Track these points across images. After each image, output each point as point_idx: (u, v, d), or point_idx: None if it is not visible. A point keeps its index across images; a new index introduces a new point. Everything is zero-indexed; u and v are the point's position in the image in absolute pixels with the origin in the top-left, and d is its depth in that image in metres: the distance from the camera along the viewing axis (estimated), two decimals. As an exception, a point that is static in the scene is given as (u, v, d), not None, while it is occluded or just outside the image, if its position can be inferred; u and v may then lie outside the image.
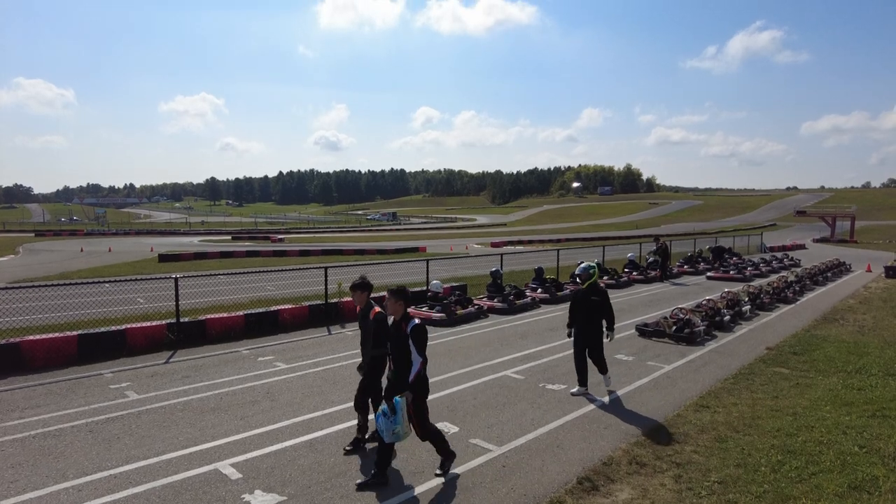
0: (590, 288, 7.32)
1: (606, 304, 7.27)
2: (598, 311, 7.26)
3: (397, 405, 4.53)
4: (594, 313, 7.26)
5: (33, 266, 26.61)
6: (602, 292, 7.32)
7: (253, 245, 44.83)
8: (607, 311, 7.29)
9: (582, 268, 7.43)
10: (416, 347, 4.69)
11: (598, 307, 7.24)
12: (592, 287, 7.33)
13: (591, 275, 7.33)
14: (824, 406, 6.75)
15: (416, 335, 4.71)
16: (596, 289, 7.34)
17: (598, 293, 7.30)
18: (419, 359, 4.68)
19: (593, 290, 7.31)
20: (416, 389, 4.72)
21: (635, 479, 4.92)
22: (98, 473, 4.93)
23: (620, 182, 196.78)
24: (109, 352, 8.96)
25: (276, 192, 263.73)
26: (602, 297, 7.27)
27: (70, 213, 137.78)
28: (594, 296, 7.26)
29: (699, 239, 33.31)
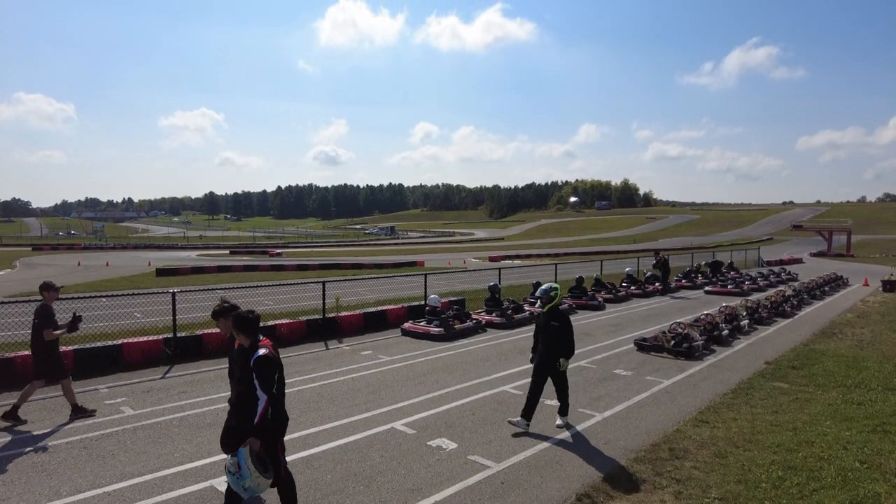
0: (550, 312, 6.69)
1: (565, 330, 6.56)
2: (558, 339, 6.57)
3: (240, 458, 3.77)
4: (554, 341, 6.58)
5: (30, 280, 26.49)
6: (563, 317, 6.65)
7: (251, 259, 44.75)
8: (564, 339, 6.56)
9: (542, 289, 6.80)
10: (259, 382, 3.87)
11: (558, 334, 6.55)
12: (553, 311, 6.70)
13: (551, 297, 6.70)
14: (824, 421, 6.72)
15: (259, 368, 3.88)
16: (557, 313, 6.69)
17: (558, 318, 6.62)
18: (263, 396, 3.85)
19: (553, 314, 6.67)
20: (263, 434, 3.89)
21: (635, 495, 4.87)
22: (92, 491, 4.87)
23: (618, 197, 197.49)
24: (105, 367, 8.89)
25: (274, 207, 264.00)
26: (562, 322, 6.58)
27: (68, 228, 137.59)
28: (554, 320, 6.59)
29: (697, 253, 33.36)
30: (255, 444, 3.86)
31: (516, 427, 6.45)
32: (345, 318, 12.48)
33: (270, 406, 3.91)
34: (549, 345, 6.58)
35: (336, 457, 5.66)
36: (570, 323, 6.65)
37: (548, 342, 6.59)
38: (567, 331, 6.58)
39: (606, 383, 8.48)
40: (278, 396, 4.02)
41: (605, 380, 8.67)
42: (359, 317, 12.78)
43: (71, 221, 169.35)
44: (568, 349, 6.59)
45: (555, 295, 6.73)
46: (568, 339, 6.58)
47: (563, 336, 6.55)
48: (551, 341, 6.56)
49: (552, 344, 6.55)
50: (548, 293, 6.71)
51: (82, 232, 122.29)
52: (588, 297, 16.63)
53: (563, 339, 6.55)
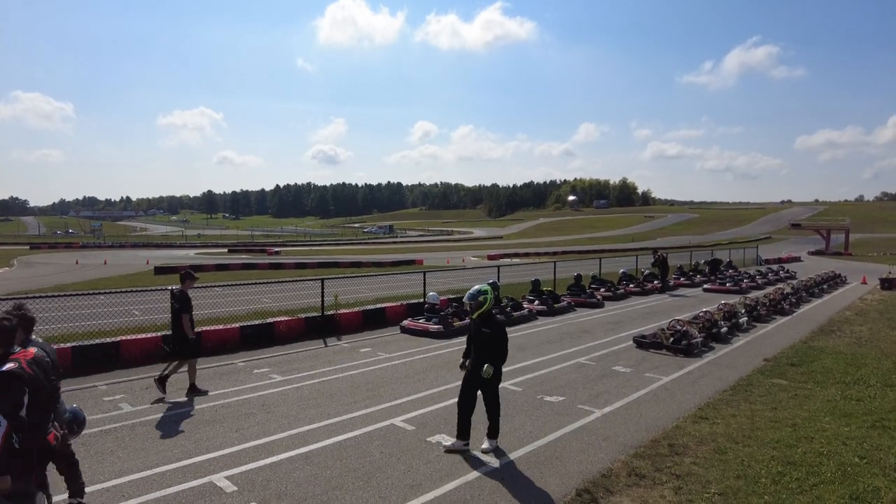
0: (481, 319, 5.81)
1: (497, 338, 5.71)
2: (491, 344, 5.72)
3: None
4: (486, 350, 5.70)
5: (28, 279, 26.48)
6: (496, 324, 5.79)
7: (249, 258, 44.75)
8: (496, 348, 5.69)
9: (470, 293, 5.85)
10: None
11: (490, 343, 5.70)
12: (484, 317, 5.81)
13: (480, 302, 5.78)
14: (823, 417, 6.73)
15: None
16: (489, 319, 5.82)
17: (490, 324, 5.77)
18: (3, 421, 3.05)
19: (485, 320, 5.80)
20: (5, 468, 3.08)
21: (635, 491, 4.87)
22: (90, 487, 4.84)
23: (616, 195, 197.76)
24: (104, 364, 8.88)
25: (272, 206, 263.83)
26: (494, 329, 5.72)
27: (66, 226, 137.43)
28: (486, 327, 5.74)
29: (695, 252, 33.40)
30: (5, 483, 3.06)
31: (457, 453, 5.68)
32: (344, 315, 12.47)
33: (15, 433, 3.10)
34: (479, 355, 5.73)
35: (335, 453, 5.65)
36: (503, 331, 5.80)
37: (478, 351, 5.75)
38: (499, 339, 5.72)
39: (606, 380, 8.48)
40: (28, 421, 3.16)
41: (604, 376, 8.67)
42: (358, 314, 12.77)
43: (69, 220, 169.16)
44: (497, 357, 5.69)
45: (484, 300, 5.79)
46: (499, 347, 5.72)
47: (494, 344, 5.70)
48: (482, 350, 5.72)
49: (483, 354, 5.70)
50: (476, 298, 5.79)
51: (80, 231, 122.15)
52: (587, 295, 16.64)
53: (493, 347, 5.70)
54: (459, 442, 5.77)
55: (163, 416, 6.70)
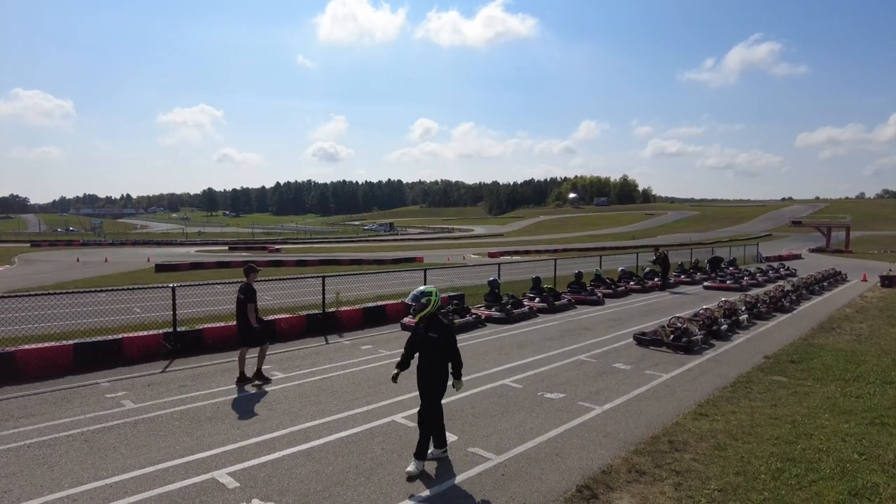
0: (427, 322, 5.32)
1: (450, 344, 5.26)
2: (439, 354, 5.26)
3: None
4: (434, 356, 5.26)
5: (28, 276, 26.49)
6: (444, 328, 5.29)
7: (250, 255, 44.79)
8: (449, 355, 5.27)
9: (413, 294, 5.35)
10: None
11: (438, 348, 5.26)
12: (429, 320, 5.32)
13: (423, 304, 5.28)
14: (823, 414, 6.75)
15: None
16: (436, 323, 5.32)
17: (437, 328, 5.28)
18: None
19: (431, 324, 5.31)
20: None
21: (635, 487, 4.89)
22: (93, 483, 4.88)
23: (616, 193, 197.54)
24: (105, 361, 8.90)
25: (273, 203, 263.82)
26: (443, 333, 5.24)
27: (66, 224, 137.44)
28: (433, 332, 5.26)
29: (696, 249, 33.40)
30: None
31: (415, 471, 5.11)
32: (344, 312, 12.49)
33: None
34: (428, 363, 5.27)
35: (337, 449, 5.67)
36: (453, 334, 5.35)
37: (427, 359, 5.29)
38: (450, 344, 5.27)
39: (606, 377, 8.50)
40: None
41: (604, 373, 8.70)
42: (359, 312, 12.79)
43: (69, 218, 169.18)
44: (457, 363, 5.31)
45: (427, 301, 5.28)
46: (453, 355, 5.28)
47: (446, 352, 5.25)
48: (432, 358, 5.26)
49: (433, 361, 5.25)
50: (419, 299, 5.28)
51: (81, 228, 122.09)
52: (587, 293, 16.65)
53: (446, 355, 5.27)
54: (420, 464, 5.18)
55: (165, 414, 6.73)
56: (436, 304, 5.35)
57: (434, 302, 5.33)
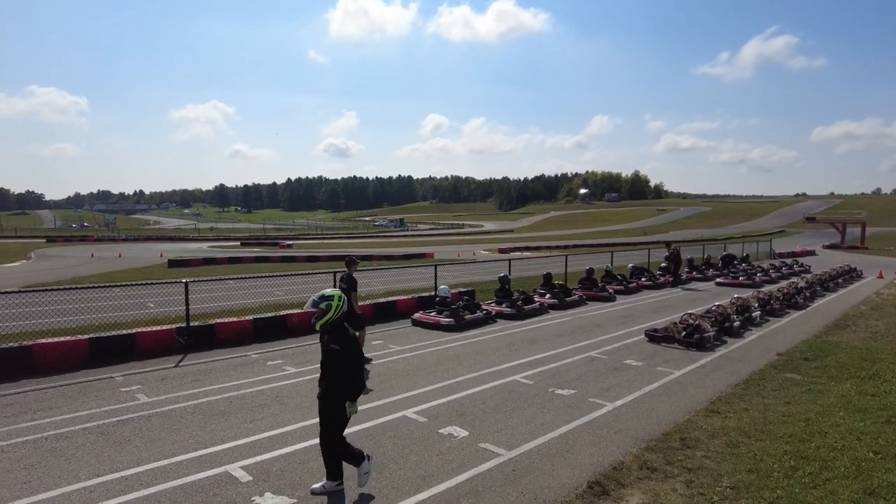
0: (330, 331, 4.71)
1: (348, 357, 4.62)
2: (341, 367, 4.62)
3: None
4: (334, 370, 4.64)
5: (44, 271, 26.86)
6: (346, 339, 4.66)
7: (261, 251, 45.07)
8: (347, 369, 4.60)
9: (311, 299, 4.70)
10: None
11: (337, 360, 4.63)
12: (332, 329, 4.71)
13: (323, 310, 4.63)
14: (837, 412, 6.68)
15: None
16: (339, 332, 4.68)
17: (338, 338, 4.65)
18: None
19: (334, 333, 4.69)
20: None
21: (646, 483, 4.88)
22: (109, 475, 4.95)
23: (628, 189, 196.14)
24: (120, 355, 9.01)
25: (284, 199, 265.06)
26: (344, 344, 4.63)
27: (81, 220, 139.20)
28: (335, 343, 4.65)
29: (708, 245, 33.13)
30: None
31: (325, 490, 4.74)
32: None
33: None
34: (330, 376, 4.68)
35: (348, 444, 5.70)
36: (355, 345, 4.74)
37: (329, 372, 4.69)
38: (351, 358, 4.64)
39: (617, 373, 8.47)
40: None
41: (615, 370, 8.67)
42: (369, 307, 12.83)
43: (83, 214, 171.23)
44: (353, 384, 4.60)
45: (328, 307, 4.63)
46: (352, 369, 4.62)
47: (345, 365, 4.61)
48: (332, 371, 4.66)
49: (333, 375, 4.65)
50: (318, 304, 4.65)
51: (95, 224, 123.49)
52: (598, 289, 16.58)
53: (345, 369, 4.61)
54: (332, 483, 4.76)
55: (178, 407, 6.80)
56: (339, 311, 4.67)
57: (337, 307, 4.65)
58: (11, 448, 5.54)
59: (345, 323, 4.81)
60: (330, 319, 4.66)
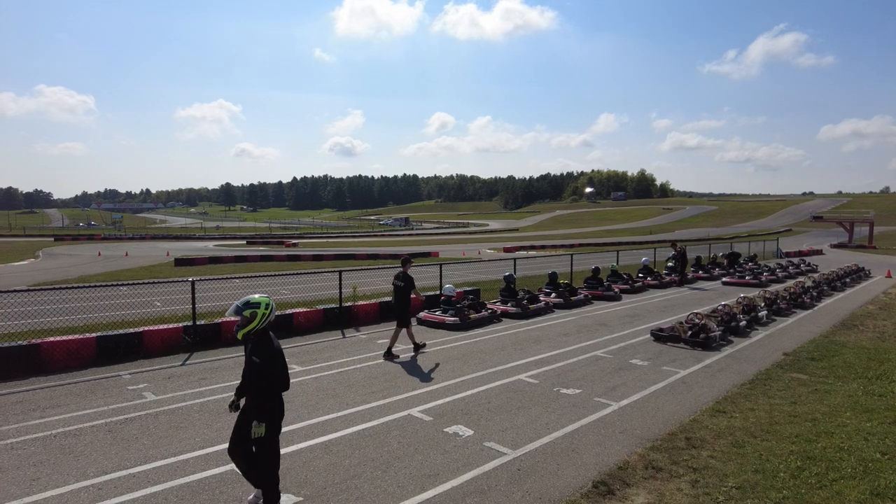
0: (253, 341, 4.26)
1: (266, 372, 4.14)
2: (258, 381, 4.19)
3: None
4: (253, 382, 4.25)
5: (52, 270, 27.03)
6: (269, 352, 4.17)
7: (267, 250, 45.19)
8: (263, 385, 4.17)
9: (234, 305, 4.23)
10: None
11: (256, 374, 4.19)
12: (255, 339, 4.24)
13: (247, 319, 4.18)
14: (844, 412, 6.66)
15: None
16: (262, 342, 4.23)
17: (260, 350, 4.19)
18: None
19: (257, 344, 4.23)
20: None
21: (651, 483, 4.88)
22: (117, 472, 4.99)
23: (633, 187, 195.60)
24: (127, 353, 9.06)
25: (289, 198, 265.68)
26: (265, 357, 4.16)
27: (88, 219, 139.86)
28: (255, 354, 4.20)
29: (714, 244, 32.99)
30: None
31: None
32: (361, 307, 12.57)
33: None
34: (248, 390, 4.33)
35: (354, 442, 5.73)
36: (274, 361, 4.17)
37: (248, 385, 4.34)
38: (268, 372, 4.15)
39: (623, 373, 8.46)
40: None
41: (621, 369, 8.66)
42: (374, 306, 12.86)
43: (91, 212, 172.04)
44: (264, 398, 4.18)
45: (252, 315, 4.18)
46: (267, 385, 4.17)
47: (260, 382, 4.18)
48: (251, 385, 4.28)
49: (251, 389, 4.29)
50: (241, 311, 4.20)
51: (102, 223, 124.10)
52: (604, 288, 16.55)
53: (261, 384, 4.18)
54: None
55: (185, 406, 6.84)
56: (264, 320, 4.21)
57: (262, 316, 4.19)
58: (21, 445, 5.60)
59: (270, 333, 4.30)
60: (254, 329, 4.21)
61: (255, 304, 4.22)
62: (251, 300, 4.24)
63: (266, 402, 4.18)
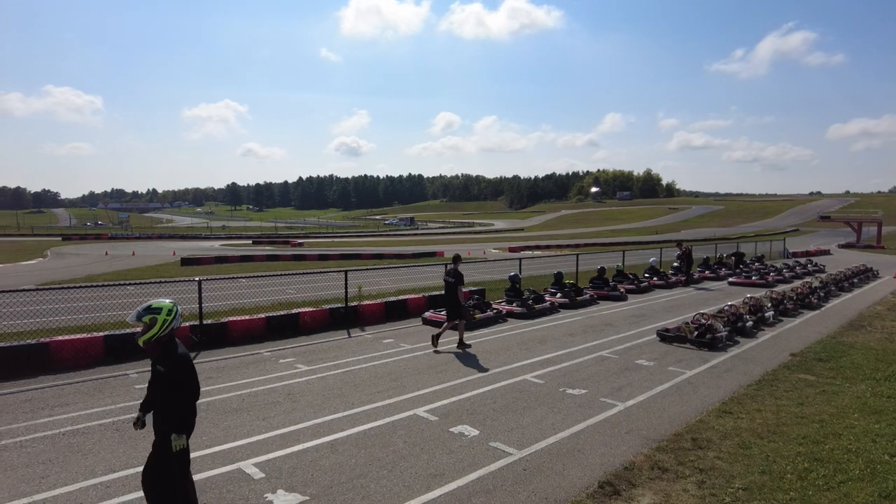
0: (158, 349, 3.83)
1: (176, 379, 3.75)
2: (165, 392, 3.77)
3: None
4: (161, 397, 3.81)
5: (60, 269, 27.21)
6: (174, 359, 3.79)
7: (273, 249, 45.32)
8: (172, 394, 3.76)
9: (136, 313, 3.79)
10: None
11: (161, 384, 3.79)
12: (161, 346, 3.83)
13: (148, 325, 3.77)
14: (852, 414, 6.62)
15: None
16: (167, 351, 3.83)
17: (165, 358, 3.81)
18: None
19: (162, 353, 3.83)
20: None
21: (657, 484, 4.87)
22: (125, 471, 5.03)
23: (639, 187, 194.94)
24: (134, 353, 9.10)
25: (295, 198, 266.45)
26: (171, 365, 3.77)
27: (95, 218, 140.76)
28: (160, 363, 3.82)
29: (720, 244, 32.85)
30: None
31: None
32: (366, 306, 12.59)
33: None
34: (158, 404, 3.88)
35: (360, 442, 5.74)
36: (184, 368, 3.80)
37: (156, 399, 3.89)
38: (179, 382, 3.78)
39: (629, 373, 8.44)
40: None
41: (627, 370, 8.64)
42: (380, 306, 12.88)
43: (98, 212, 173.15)
44: (177, 413, 3.78)
45: (153, 321, 3.78)
46: (180, 395, 3.78)
47: (170, 391, 3.77)
48: (158, 396, 3.85)
49: (160, 401, 3.85)
50: (141, 317, 3.79)
51: (109, 222, 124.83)
52: (610, 288, 16.51)
53: (170, 395, 3.77)
54: None
55: (192, 404, 6.87)
56: (166, 326, 3.81)
57: (163, 322, 3.80)
58: (30, 443, 5.64)
59: (175, 339, 3.93)
60: (156, 336, 3.79)
61: (157, 310, 3.83)
62: (152, 305, 3.85)
63: (180, 412, 3.80)
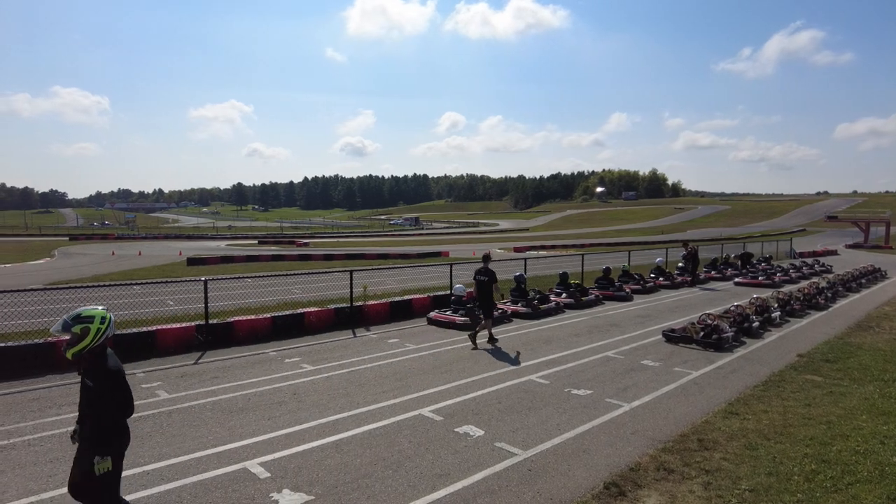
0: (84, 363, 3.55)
1: (103, 395, 3.46)
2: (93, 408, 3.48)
3: None
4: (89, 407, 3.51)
5: (67, 269, 27.38)
6: (103, 373, 3.50)
7: (279, 249, 45.44)
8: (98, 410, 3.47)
9: (62, 322, 3.48)
10: None
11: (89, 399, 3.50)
12: (89, 358, 3.53)
13: (78, 336, 3.47)
14: (860, 415, 6.57)
15: None
16: (93, 363, 3.54)
17: (94, 372, 3.52)
18: None
19: (91, 366, 3.53)
20: None
21: (663, 485, 4.85)
22: (131, 470, 5.04)
23: (645, 187, 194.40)
24: (140, 352, 9.16)
25: (300, 198, 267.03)
26: (100, 379, 3.48)
27: (102, 218, 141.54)
28: (88, 377, 3.52)
29: (726, 245, 32.70)
30: None
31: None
32: (372, 306, 12.61)
33: None
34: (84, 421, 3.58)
35: (365, 441, 5.75)
36: (115, 382, 3.50)
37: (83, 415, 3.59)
38: (108, 399, 3.49)
39: (634, 374, 8.41)
40: None
41: (632, 370, 8.61)
42: (385, 305, 12.89)
43: (104, 212, 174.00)
44: (104, 433, 3.49)
45: (83, 332, 3.48)
46: (105, 412, 3.49)
47: (98, 407, 3.47)
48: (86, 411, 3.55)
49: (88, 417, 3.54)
50: (70, 328, 3.47)
51: (115, 222, 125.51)
52: (615, 288, 16.46)
53: (99, 411, 3.47)
54: None
55: (198, 404, 6.90)
56: (99, 336, 3.52)
57: (96, 332, 3.50)
58: (38, 441, 5.68)
59: (108, 350, 3.62)
60: (87, 347, 3.49)
61: (88, 319, 3.50)
62: (83, 313, 3.52)
63: (105, 432, 3.48)
